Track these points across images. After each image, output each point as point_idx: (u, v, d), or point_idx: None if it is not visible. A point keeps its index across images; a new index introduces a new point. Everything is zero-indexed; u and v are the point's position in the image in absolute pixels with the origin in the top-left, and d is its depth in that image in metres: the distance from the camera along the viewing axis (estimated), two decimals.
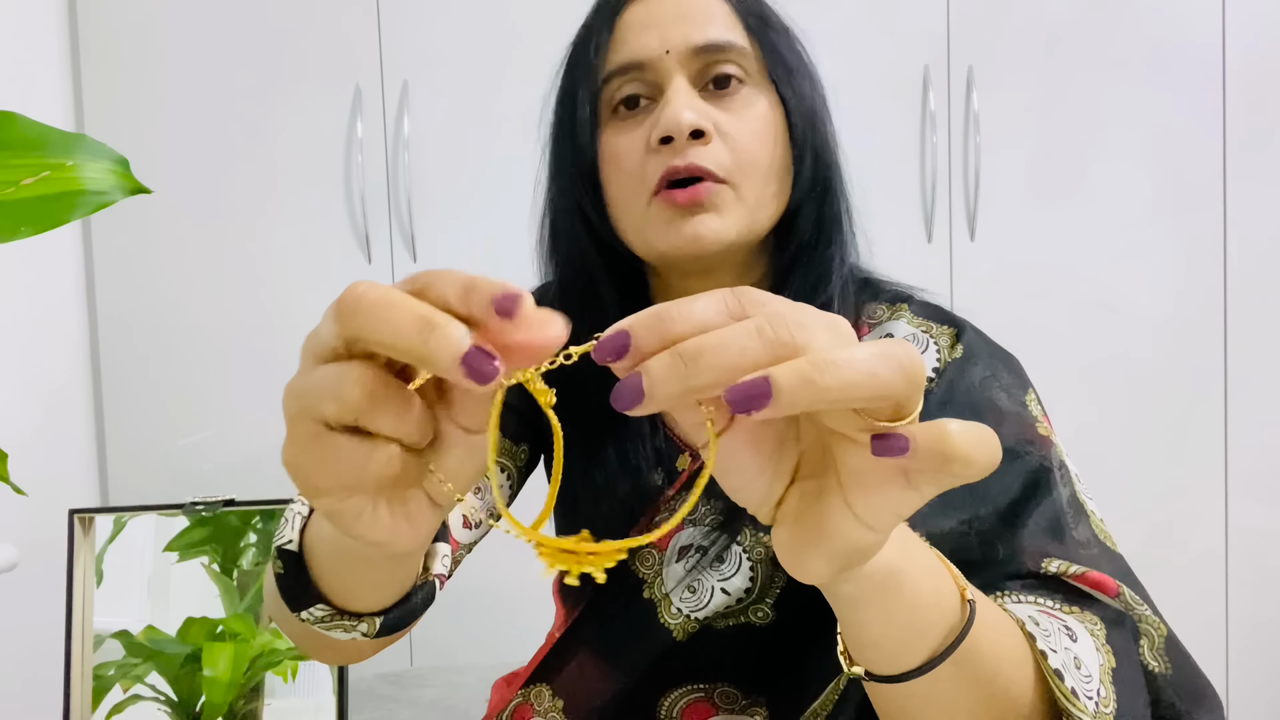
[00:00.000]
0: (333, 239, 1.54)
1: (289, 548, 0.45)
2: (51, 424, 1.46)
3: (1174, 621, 0.56)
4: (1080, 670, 0.44)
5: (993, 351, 0.65)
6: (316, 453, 0.30)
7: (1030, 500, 0.57)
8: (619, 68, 0.63)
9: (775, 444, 0.33)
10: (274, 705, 0.93)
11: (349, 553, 0.42)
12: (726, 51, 0.62)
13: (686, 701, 0.65)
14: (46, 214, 0.47)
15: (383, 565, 0.43)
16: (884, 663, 0.40)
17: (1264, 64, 1.57)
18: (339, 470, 0.30)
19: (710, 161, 0.60)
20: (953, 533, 0.56)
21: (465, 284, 0.28)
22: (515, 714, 0.68)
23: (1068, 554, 0.55)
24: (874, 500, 0.31)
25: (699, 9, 0.63)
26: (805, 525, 0.33)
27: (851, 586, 0.36)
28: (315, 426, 0.30)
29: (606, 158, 0.65)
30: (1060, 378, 1.60)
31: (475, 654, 1.46)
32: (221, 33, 1.51)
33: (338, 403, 0.28)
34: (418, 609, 0.48)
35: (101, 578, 0.94)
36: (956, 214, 1.57)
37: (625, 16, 0.64)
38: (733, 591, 0.62)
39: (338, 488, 0.30)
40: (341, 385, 0.29)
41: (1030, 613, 0.47)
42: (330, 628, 0.45)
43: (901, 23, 1.56)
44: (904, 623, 0.38)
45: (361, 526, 0.32)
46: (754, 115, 0.63)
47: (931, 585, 0.39)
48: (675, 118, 0.59)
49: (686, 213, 0.61)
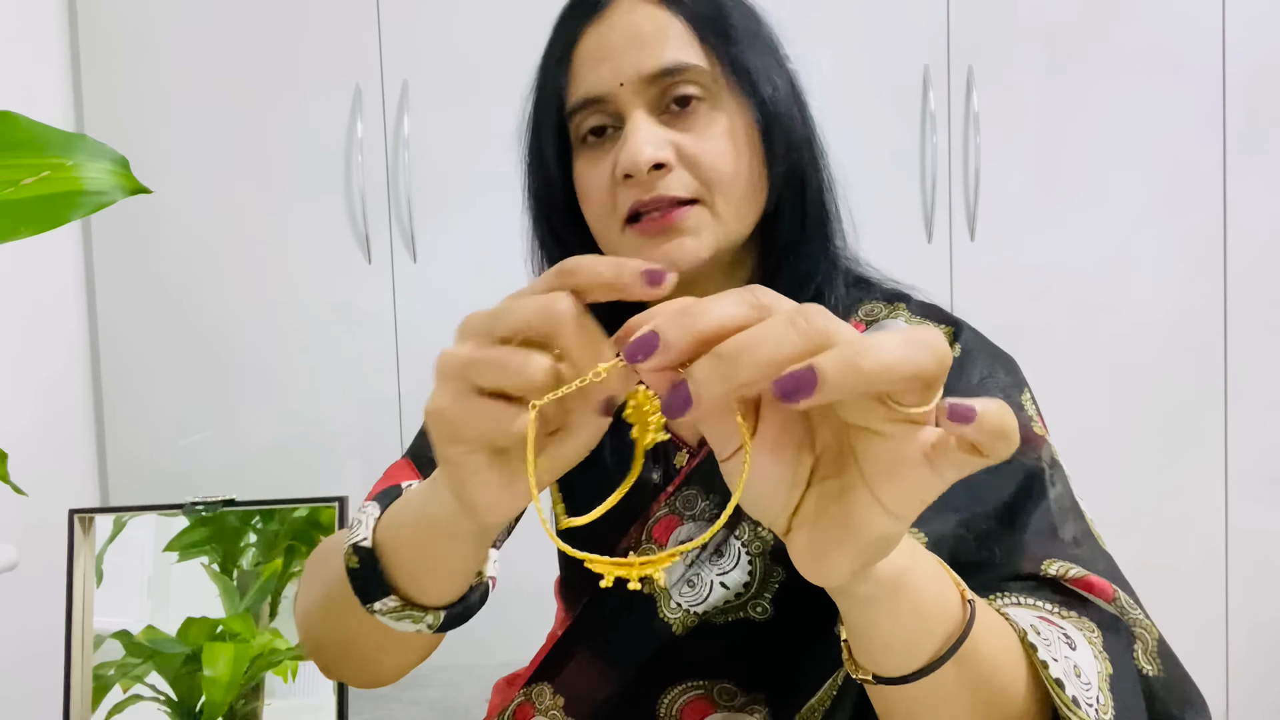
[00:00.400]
0: (333, 239, 1.54)
1: (364, 544, 0.48)
2: (51, 424, 1.46)
3: (1174, 621, 0.56)
4: (1080, 678, 0.45)
5: (990, 352, 0.65)
6: (468, 408, 0.36)
7: (1026, 501, 0.57)
8: (578, 103, 0.63)
9: (794, 450, 0.34)
10: (274, 705, 0.93)
11: (428, 542, 0.46)
12: (682, 73, 0.61)
13: (686, 699, 0.65)
14: (46, 214, 0.47)
15: (454, 556, 0.47)
16: (892, 664, 0.40)
17: (1264, 64, 1.57)
18: (485, 426, 0.35)
19: (677, 189, 0.60)
20: (950, 536, 0.56)
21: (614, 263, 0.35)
22: (517, 713, 0.69)
23: (1063, 553, 0.55)
24: (900, 489, 0.32)
25: (651, 32, 0.61)
26: (827, 525, 0.34)
27: (866, 587, 0.37)
28: (469, 387, 0.35)
29: (579, 187, 0.65)
30: (1060, 377, 1.60)
31: (475, 654, 1.45)
32: (221, 33, 1.51)
33: (521, 377, 0.34)
34: (475, 606, 0.50)
35: (101, 578, 0.94)
36: (956, 214, 1.58)
37: (580, 47, 0.63)
38: (731, 585, 0.63)
39: (476, 439, 0.36)
40: (528, 366, 0.34)
41: (1031, 620, 0.47)
42: (400, 618, 0.48)
43: (901, 22, 1.56)
44: (912, 622, 0.39)
45: (473, 485, 0.37)
46: (717, 131, 0.62)
47: (935, 586, 0.40)
48: (632, 157, 0.59)
49: (660, 239, 0.61)
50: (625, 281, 0.34)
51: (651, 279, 0.34)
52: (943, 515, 0.56)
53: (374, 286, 1.55)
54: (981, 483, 0.56)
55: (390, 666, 0.58)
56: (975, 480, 0.57)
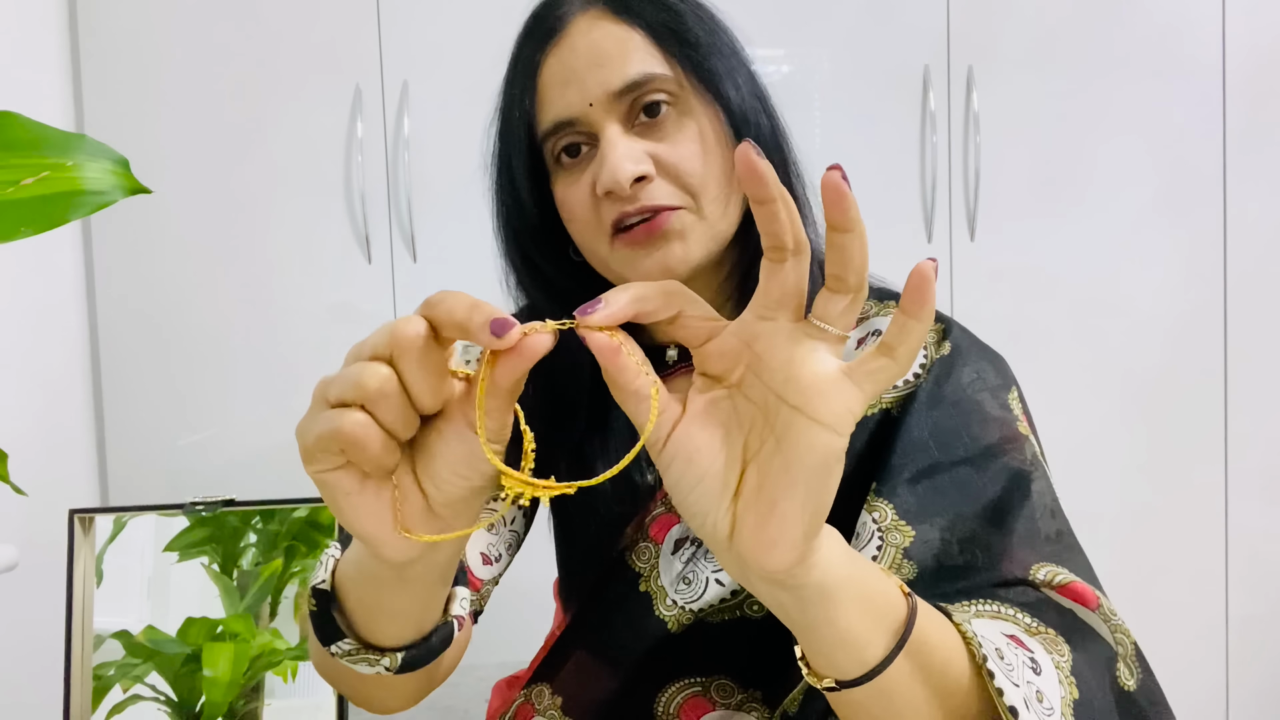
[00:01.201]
0: (333, 239, 1.54)
1: (321, 587, 0.49)
2: (51, 424, 1.46)
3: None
4: (1042, 704, 0.45)
5: (980, 351, 0.66)
6: (311, 420, 0.37)
7: (1012, 502, 0.58)
8: (551, 127, 0.63)
9: (723, 428, 0.39)
10: (274, 705, 0.93)
11: (372, 582, 0.46)
12: (648, 83, 0.61)
13: (684, 697, 0.65)
14: (46, 214, 0.47)
15: (395, 599, 0.46)
16: (849, 663, 0.41)
17: (1264, 64, 1.57)
18: (319, 427, 0.36)
19: (660, 198, 0.61)
20: (936, 540, 0.56)
21: (471, 304, 0.36)
22: (517, 714, 0.69)
23: (1049, 555, 0.56)
24: (830, 402, 0.36)
25: (613, 48, 0.62)
26: (771, 483, 0.37)
27: (816, 573, 0.39)
28: (323, 403, 0.37)
29: (562, 209, 0.65)
30: (1060, 377, 1.60)
31: (475, 654, 1.45)
32: (221, 33, 1.51)
33: (353, 386, 0.36)
34: (435, 648, 0.50)
35: (101, 578, 0.94)
36: (956, 214, 1.58)
37: (544, 72, 0.64)
38: (727, 583, 0.63)
39: (315, 446, 0.36)
40: (361, 374, 0.36)
41: (998, 643, 0.47)
42: (356, 661, 0.49)
43: (901, 22, 1.56)
44: (862, 613, 0.41)
45: (349, 506, 0.38)
46: (688, 137, 0.62)
47: (878, 579, 0.42)
48: (613, 175, 0.60)
49: (650, 248, 0.62)
50: (473, 326, 0.35)
51: (495, 329, 0.34)
52: (928, 519, 0.57)
53: (374, 286, 1.55)
54: (968, 482, 0.58)
55: (388, 700, 0.58)
56: (962, 479, 0.58)
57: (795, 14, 1.55)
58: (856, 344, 0.67)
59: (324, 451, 0.36)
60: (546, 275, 0.69)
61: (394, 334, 0.36)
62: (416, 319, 0.36)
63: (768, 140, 0.66)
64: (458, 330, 0.35)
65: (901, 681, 0.42)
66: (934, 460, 0.59)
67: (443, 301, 0.36)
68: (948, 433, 0.60)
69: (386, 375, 0.36)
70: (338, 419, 0.36)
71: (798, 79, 1.56)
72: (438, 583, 0.47)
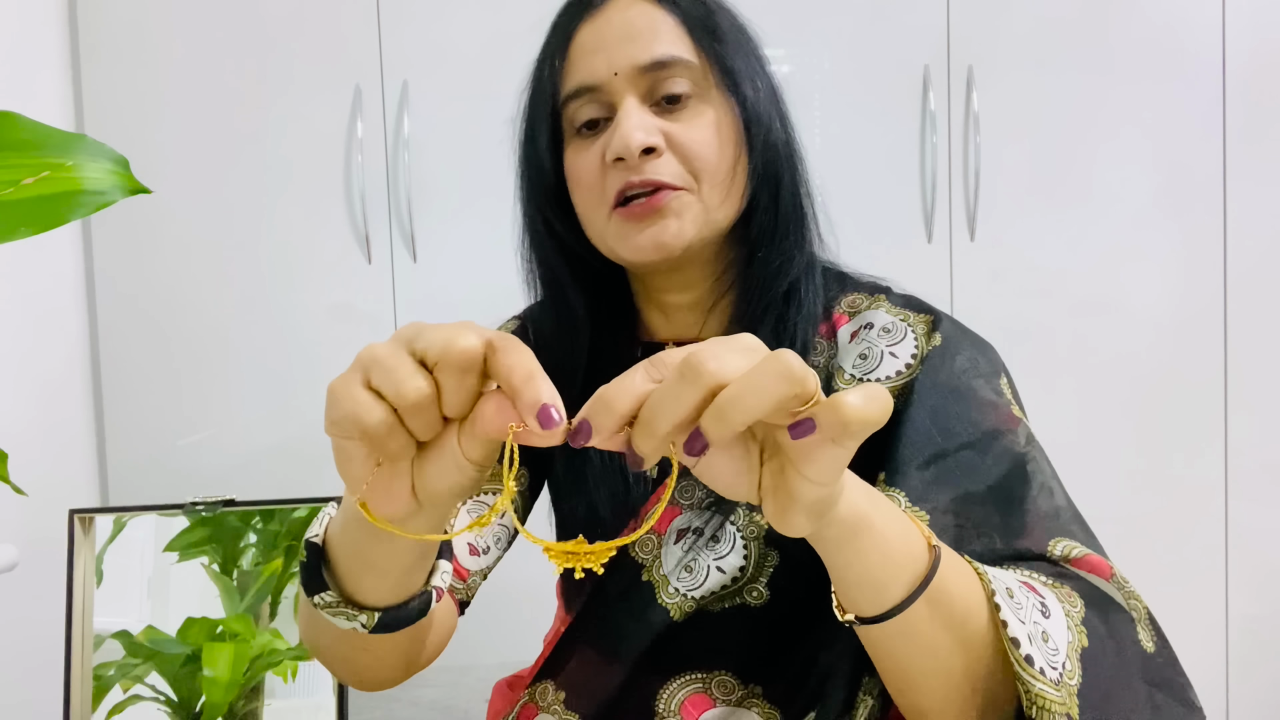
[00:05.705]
0: (333, 239, 1.54)
1: (314, 540, 0.51)
2: (51, 424, 1.46)
3: (1174, 621, 0.57)
4: (1047, 644, 0.48)
5: (970, 339, 0.68)
6: (346, 392, 0.38)
7: (1019, 484, 0.60)
8: (573, 91, 0.66)
9: (741, 448, 0.41)
10: (274, 705, 0.93)
11: (360, 542, 0.48)
12: (673, 66, 0.65)
13: (685, 693, 0.66)
14: (46, 214, 0.47)
15: (382, 557, 0.48)
16: (867, 603, 0.46)
17: (1264, 63, 1.57)
18: (348, 407, 0.37)
19: (665, 174, 0.64)
20: (949, 523, 0.58)
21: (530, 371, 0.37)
22: (522, 713, 0.69)
23: (1063, 530, 0.59)
24: (816, 465, 0.38)
25: (645, 26, 0.65)
26: (779, 494, 0.40)
27: (831, 530, 0.43)
28: (362, 379, 0.38)
29: (570, 176, 0.69)
30: (1060, 377, 1.60)
31: (475, 654, 1.46)
32: (221, 32, 1.51)
33: (393, 386, 0.37)
34: (412, 614, 0.52)
35: (101, 578, 0.94)
36: (956, 214, 1.58)
37: (577, 39, 0.67)
38: (728, 570, 0.64)
39: (340, 421, 0.38)
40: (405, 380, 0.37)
41: (1009, 584, 0.50)
42: (335, 614, 0.50)
43: (901, 22, 1.56)
44: (878, 561, 0.45)
45: (351, 468, 0.40)
46: (704, 123, 0.65)
47: (898, 527, 0.46)
48: (625, 139, 0.63)
49: (646, 222, 0.65)
50: (522, 402, 0.36)
51: (543, 421, 0.36)
52: (940, 502, 0.59)
53: (374, 286, 1.55)
54: (974, 465, 0.60)
55: (371, 668, 0.59)
56: (967, 463, 0.60)
57: (795, 14, 1.55)
58: (850, 337, 0.68)
59: (344, 427, 0.38)
60: (560, 237, 0.71)
61: (448, 349, 0.36)
62: (475, 341, 0.36)
63: (780, 151, 0.69)
64: (507, 388, 0.36)
65: (920, 625, 0.46)
66: (939, 447, 0.61)
67: (508, 354, 0.36)
68: (949, 419, 0.62)
69: (428, 394, 0.37)
70: (367, 415, 0.37)
71: (798, 79, 1.56)
72: (417, 552, 0.49)
